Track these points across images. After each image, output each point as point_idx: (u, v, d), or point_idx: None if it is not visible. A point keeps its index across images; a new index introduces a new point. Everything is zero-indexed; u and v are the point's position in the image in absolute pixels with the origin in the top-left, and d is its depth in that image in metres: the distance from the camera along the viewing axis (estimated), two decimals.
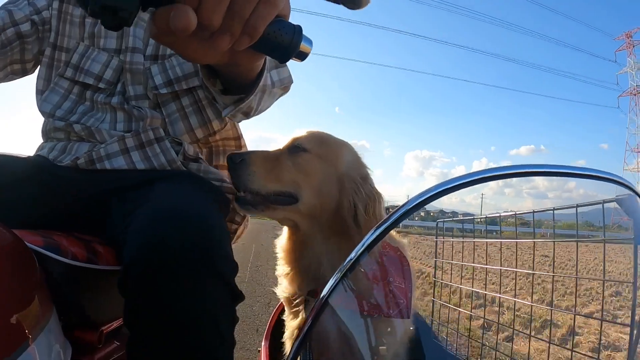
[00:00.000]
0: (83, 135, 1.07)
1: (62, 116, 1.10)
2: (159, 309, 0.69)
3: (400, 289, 0.76)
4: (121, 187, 0.99)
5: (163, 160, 1.04)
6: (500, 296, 0.95)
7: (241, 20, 0.47)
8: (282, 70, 1.06)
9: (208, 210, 0.82)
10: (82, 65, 1.10)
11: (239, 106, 0.82)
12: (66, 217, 0.97)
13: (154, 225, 0.73)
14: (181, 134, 1.11)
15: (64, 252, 0.75)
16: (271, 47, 0.52)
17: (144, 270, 0.70)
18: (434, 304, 0.93)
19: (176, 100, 1.10)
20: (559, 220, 0.85)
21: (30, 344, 0.55)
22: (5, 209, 0.85)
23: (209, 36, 0.48)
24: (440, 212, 1.10)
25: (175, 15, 0.43)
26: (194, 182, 1.03)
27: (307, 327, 0.53)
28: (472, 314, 0.95)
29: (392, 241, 0.84)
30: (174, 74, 1.08)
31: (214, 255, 0.74)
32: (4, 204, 0.91)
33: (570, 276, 0.87)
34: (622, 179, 0.64)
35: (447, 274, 0.99)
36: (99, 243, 0.88)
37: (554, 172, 0.60)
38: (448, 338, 0.94)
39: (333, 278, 0.52)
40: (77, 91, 1.13)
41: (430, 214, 0.89)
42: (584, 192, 0.85)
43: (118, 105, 1.07)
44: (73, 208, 0.99)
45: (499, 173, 0.55)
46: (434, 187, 0.53)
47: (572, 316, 0.89)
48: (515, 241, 0.90)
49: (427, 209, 0.59)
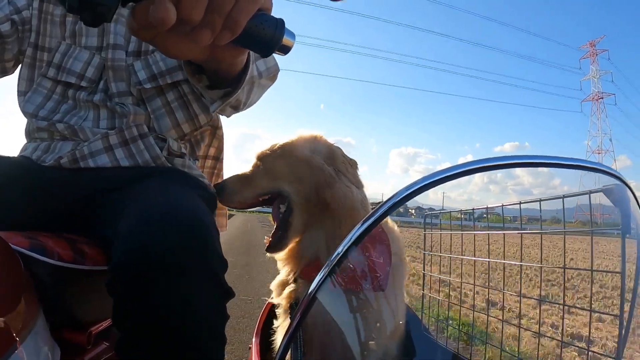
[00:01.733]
0: (66, 134, 1.05)
1: (45, 116, 1.09)
2: (149, 308, 0.68)
3: (378, 263, 0.76)
4: (107, 186, 0.98)
5: (147, 156, 1.03)
6: (489, 288, 0.96)
7: (222, 15, 0.47)
8: (269, 59, 1.05)
9: (198, 208, 0.81)
10: (64, 64, 1.09)
11: (226, 100, 0.81)
12: (52, 218, 0.96)
13: (145, 225, 0.72)
14: (167, 129, 1.10)
15: (50, 253, 0.74)
16: (253, 42, 0.51)
17: (134, 270, 0.68)
18: (424, 297, 0.94)
19: (161, 96, 1.09)
20: (533, 216, 0.86)
21: (18, 346, 0.55)
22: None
23: (190, 31, 0.48)
24: (429, 209, 1.10)
25: (154, 9, 0.43)
26: (181, 179, 1.02)
27: (296, 323, 0.53)
28: (463, 306, 0.96)
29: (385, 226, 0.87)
30: (158, 69, 1.07)
31: (206, 253, 0.73)
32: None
33: (557, 267, 0.88)
34: (610, 169, 0.64)
35: (436, 266, 1.00)
36: (86, 243, 0.87)
37: (542, 163, 0.60)
38: (437, 330, 0.95)
39: (321, 273, 0.51)
40: (59, 90, 1.11)
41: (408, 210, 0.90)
42: (569, 188, 0.86)
43: (101, 103, 1.06)
44: (58, 208, 0.98)
45: (487, 164, 0.55)
46: (420, 179, 0.53)
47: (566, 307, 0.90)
48: (502, 233, 0.90)
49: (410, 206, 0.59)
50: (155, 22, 0.43)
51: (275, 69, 1.07)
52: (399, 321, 0.85)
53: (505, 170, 0.56)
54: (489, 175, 0.56)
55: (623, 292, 0.74)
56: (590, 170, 0.63)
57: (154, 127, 1.09)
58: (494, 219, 0.96)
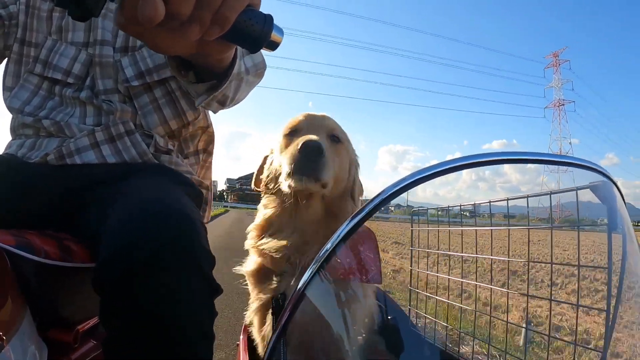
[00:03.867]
0: (52, 131, 1.04)
1: (31, 112, 1.08)
2: (136, 306, 0.68)
3: (369, 258, 0.77)
4: (93, 182, 0.97)
5: (134, 153, 1.03)
6: (477, 284, 0.96)
7: (211, 10, 0.47)
8: (256, 55, 1.04)
9: (185, 204, 0.81)
10: (51, 60, 1.07)
11: (212, 94, 0.81)
12: (38, 215, 0.95)
13: (130, 222, 0.72)
14: (155, 126, 1.09)
15: (37, 250, 0.73)
16: (242, 37, 0.51)
17: (120, 267, 0.68)
18: (411, 293, 0.94)
19: (148, 92, 1.09)
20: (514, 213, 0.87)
21: (4, 345, 0.54)
22: None
23: (178, 26, 0.47)
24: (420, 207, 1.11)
25: (143, 5, 0.42)
26: (168, 175, 1.02)
27: (285, 319, 0.53)
28: (449, 302, 0.96)
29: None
30: (145, 66, 1.06)
31: (194, 249, 0.73)
32: None
33: (545, 262, 0.89)
34: (597, 166, 0.64)
35: (424, 262, 1.00)
36: (73, 240, 0.86)
37: (529, 160, 0.60)
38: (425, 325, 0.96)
39: (309, 269, 0.52)
40: (46, 87, 1.10)
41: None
42: (555, 186, 0.87)
43: (87, 100, 1.05)
44: (45, 205, 0.96)
45: (475, 161, 0.55)
46: (408, 176, 0.53)
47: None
48: (490, 229, 0.91)
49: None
50: (143, 17, 0.43)
51: (263, 65, 1.06)
52: (387, 316, 0.85)
53: (494, 168, 0.56)
54: (477, 173, 0.56)
55: (609, 287, 0.75)
56: (578, 167, 0.63)
57: (141, 123, 1.08)
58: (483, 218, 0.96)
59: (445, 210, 0.99)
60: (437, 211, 1.00)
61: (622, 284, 0.68)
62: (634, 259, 0.67)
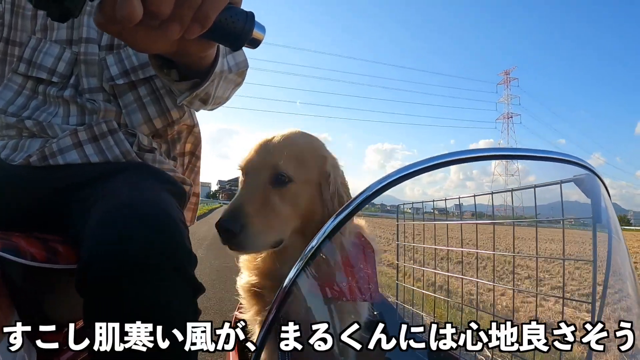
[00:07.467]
0: (35, 131, 1.03)
1: (14, 112, 1.06)
2: (118, 307, 0.67)
3: (366, 274, 0.76)
4: (77, 183, 0.96)
5: (117, 152, 1.02)
6: (463, 277, 0.97)
7: (192, 8, 0.46)
8: (238, 54, 1.03)
9: (167, 203, 0.81)
10: (35, 59, 1.06)
11: (194, 92, 0.80)
12: (24, 217, 0.94)
13: (113, 221, 0.71)
14: (139, 124, 1.08)
15: (23, 253, 0.73)
16: (223, 35, 0.51)
17: (101, 268, 0.67)
18: (398, 287, 0.95)
19: (133, 90, 1.08)
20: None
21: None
22: None
23: (158, 25, 0.47)
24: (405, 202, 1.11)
25: (121, 4, 0.42)
26: (151, 174, 1.01)
27: (272, 316, 0.53)
28: (436, 295, 0.97)
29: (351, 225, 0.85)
30: (130, 64, 1.06)
31: (176, 249, 0.73)
32: None
33: (530, 256, 0.90)
34: (581, 160, 0.65)
35: (410, 257, 1.01)
36: (59, 242, 0.85)
37: (514, 156, 0.61)
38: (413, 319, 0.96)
39: (296, 266, 0.52)
40: (30, 86, 1.09)
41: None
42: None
43: (71, 99, 1.04)
44: (30, 207, 0.96)
45: (461, 157, 0.55)
46: (393, 172, 0.53)
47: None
48: (475, 222, 0.91)
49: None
50: (122, 16, 0.43)
51: (245, 64, 1.05)
52: (374, 311, 0.85)
53: (481, 166, 0.56)
54: (464, 172, 0.56)
55: (594, 280, 0.76)
56: (562, 162, 0.64)
57: (125, 122, 1.07)
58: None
59: (432, 205, 0.99)
60: (422, 205, 1.00)
61: (608, 279, 0.69)
62: (619, 255, 0.67)
